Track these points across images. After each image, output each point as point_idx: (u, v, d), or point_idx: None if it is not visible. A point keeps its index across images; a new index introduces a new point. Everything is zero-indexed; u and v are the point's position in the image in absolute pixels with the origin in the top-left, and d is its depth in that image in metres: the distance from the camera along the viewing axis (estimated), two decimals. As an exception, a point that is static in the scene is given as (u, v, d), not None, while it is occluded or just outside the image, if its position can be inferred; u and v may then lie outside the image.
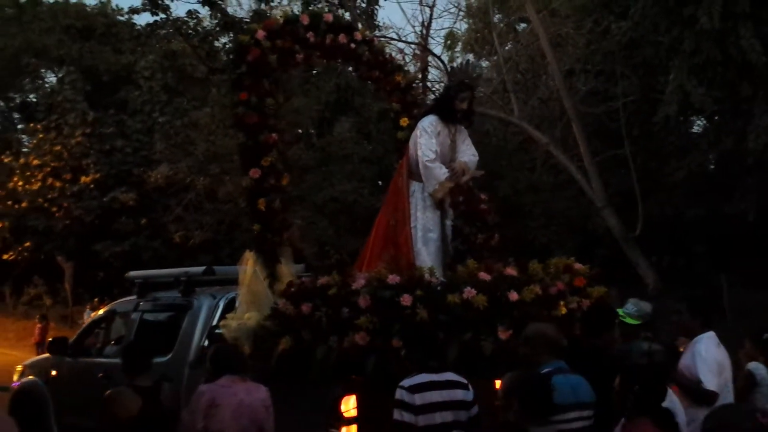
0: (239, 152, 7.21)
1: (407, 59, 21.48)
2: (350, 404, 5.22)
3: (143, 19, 40.86)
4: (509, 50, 21.82)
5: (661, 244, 18.78)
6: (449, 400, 4.59)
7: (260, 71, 6.87)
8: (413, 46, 21.65)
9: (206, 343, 6.82)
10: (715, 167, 19.62)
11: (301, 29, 7.13)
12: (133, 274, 8.95)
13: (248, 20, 18.19)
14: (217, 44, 21.17)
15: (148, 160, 24.88)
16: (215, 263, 12.37)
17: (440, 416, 4.53)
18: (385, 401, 4.69)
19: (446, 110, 6.70)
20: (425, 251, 6.44)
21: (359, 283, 5.51)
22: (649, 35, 15.81)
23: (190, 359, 6.97)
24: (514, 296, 5.47)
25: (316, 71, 21.10)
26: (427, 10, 21.69)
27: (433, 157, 6.45)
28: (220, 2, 18.99)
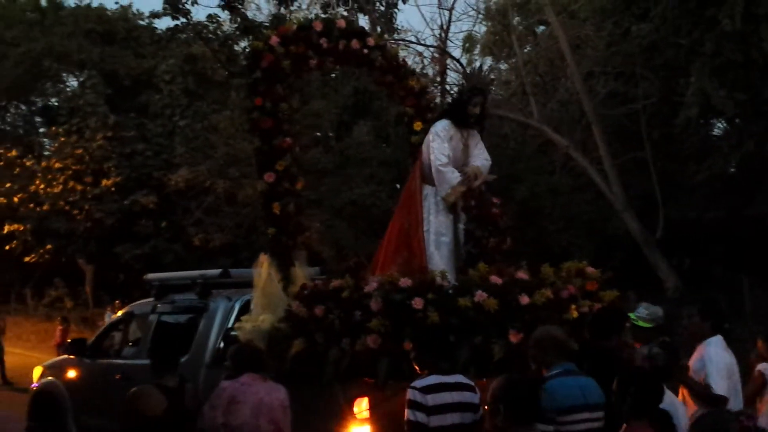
0: (255, 156, 7.28)
1: (426, 62, 21.59)
2: (362, 406, 5.28)
3: (164, 23, 40.95)
4: (528, 53, 21.77)
5: (681, 247, 18.64)
6: (459, 401, 4.61)
7: (274, 77, 6.92)
8: (432, 49, 21.69)
9: (222, 344, 6.89)
10: (735, 170, 19.45)
11: (314, 35, 7.18)
12: (150, 276, 9.02)
13: (267, 24, 18.26)
14: (236, 48, 21.23)
15: (168, 163, 25.01)
16: (235, 266, 12.36)
17: (451, 417, 4.55)
18: (396, 403, 4.72)
19: (459, 115, 6.75)
20: (438, 255, 6.48)
21: (371, 286, 5.55)
22: (669, 37, 15.68)
23: (206, 361, 7.02)
24: (525, 300, 5.50)
25: (334, 75, 21.14)
26: (446, 13, 21.65)
27: (445, 161, 6.50)
28: (240, 6, 19.08)
